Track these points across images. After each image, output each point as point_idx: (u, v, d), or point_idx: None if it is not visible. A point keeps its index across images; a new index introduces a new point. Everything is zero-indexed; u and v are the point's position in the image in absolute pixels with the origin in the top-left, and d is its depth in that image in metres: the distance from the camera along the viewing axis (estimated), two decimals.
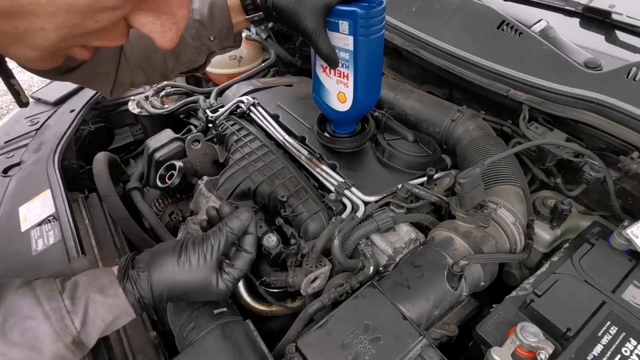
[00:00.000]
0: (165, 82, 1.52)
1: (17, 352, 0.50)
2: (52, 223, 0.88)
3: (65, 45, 0.47)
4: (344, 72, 0.87)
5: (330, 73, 0.91)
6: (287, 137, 1.09)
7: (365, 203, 0.88)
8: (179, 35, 0.50)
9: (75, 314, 0.54)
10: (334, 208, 0.90)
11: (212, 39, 0.83)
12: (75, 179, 1.23)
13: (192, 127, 1.32)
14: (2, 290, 0.54)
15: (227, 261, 0.66)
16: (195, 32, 0.82)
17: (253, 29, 1.50)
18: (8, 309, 0.53)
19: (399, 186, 0.87)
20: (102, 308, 0.57)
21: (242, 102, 1.21)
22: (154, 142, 1.15)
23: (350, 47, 0.82)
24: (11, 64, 0.62)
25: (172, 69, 0.87)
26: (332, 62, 0.83)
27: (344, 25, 0.80)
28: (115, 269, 0.62)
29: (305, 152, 1.03)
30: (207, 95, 1.40)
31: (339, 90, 0.91)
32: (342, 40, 0.83)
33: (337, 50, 0.84)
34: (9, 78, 0.61)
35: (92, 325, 0.56)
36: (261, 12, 0.81)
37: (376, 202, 0.88)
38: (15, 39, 0.44)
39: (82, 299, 0.56)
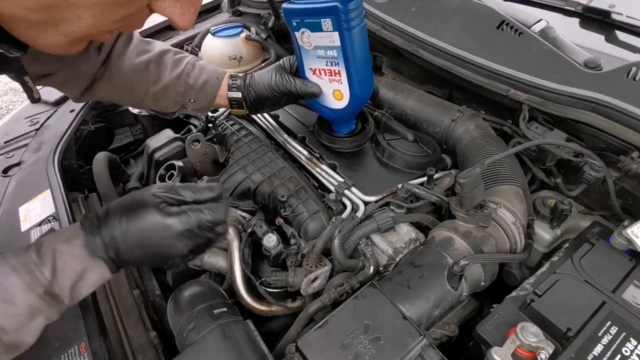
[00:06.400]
0: None
1: None
2: (52, 223, 0.88)
3: (98, 32, 0.50)
4: (334, 70, 0.87)
5: (321, 74, 0.90)
6: (287, 137, 1.08)
7: (365, 203, 0.88)
8: (196, 15, 0.54)
9: (43, 265, 0.54)
10: (334, 208, 0.90)
11: (192, 101, 0.95)
12: (75, 179, 1.23)
13: (192, 127, 1.32)
14: None
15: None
16: (182, 91, 0.93)
17: (253, 29, 1.50)
18: None
19: (399, 186, 0.87)
20: (70, 258, 0.56)
21: None
22: (154, 142, 1.15)
23: (337, 42, 0.82)
24: None
25: (145, 104, 0.96)
26: (317, 94, 0.93)
27: (326, 22, 0.80)
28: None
29: (305, 152, 1.03)
30: None
31: (334, 89, 0.91)
32: (327, 38, 0.82)
33: (323, 50, 0.85)
34: (22, 75, 0.63)
35: (62, 275, 0.55)
36: (244, 110, 0.98)
37: (376, 202, 0.88)
38: (48, 28, 0.47)
39: (49, 252, 0.55)
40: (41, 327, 0.55)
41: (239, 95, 0.95)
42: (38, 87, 0.70)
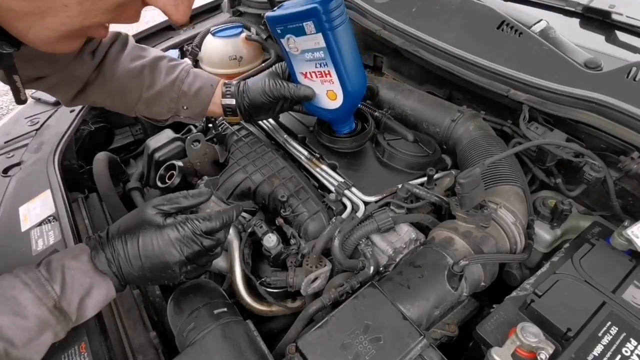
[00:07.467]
0: None
1: (2, 319, 0.51)
2: (52, 223, 0.88)
3: (89, 24, 0.49)
4: (324, 71, 0.87)
5: (312, 77, 0.90)
6: (287, 137, 1.09)
7: (366, 203, 0.88)
8: (190, 9, 0.53)
9: (53, 281, 0.55)
10: (334, 208, 0.90)
11: (185, 108, 0.94)
12: (75, 179, 1.23)
13: (192, 127, 1.32)
14: None
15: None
16: (175, 97, 0.92)
17: (253, 29, 1.50)
18: None
19: (399, 186, 0.87)
20: (78, 273, 0.58)
21: None
22: (154, 142, 1.15)
23: (322, 44, 0.82)
24: None
25: (137, 110, 0.95)
26: (310, 96, 0.92)
27: (309, 25, 0.79)
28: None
29: (305, 152, 1.03)
30: None
31: (327, 89, 0.91)
32: (312, 40, 0.82)
33: (311, 52, 0.85)
34: (12, 74, 0.62)
35: (71, 291, 0.56)
36: (238, 117, 0.98)
37: (376, 202, 0.88)
38: (36, 19, 0.46)
39: (58, 268, 0.57)
40: (48, 344, 0.55)
41: (233, 102, 0.95)
42: (30, 91, 0.70)
